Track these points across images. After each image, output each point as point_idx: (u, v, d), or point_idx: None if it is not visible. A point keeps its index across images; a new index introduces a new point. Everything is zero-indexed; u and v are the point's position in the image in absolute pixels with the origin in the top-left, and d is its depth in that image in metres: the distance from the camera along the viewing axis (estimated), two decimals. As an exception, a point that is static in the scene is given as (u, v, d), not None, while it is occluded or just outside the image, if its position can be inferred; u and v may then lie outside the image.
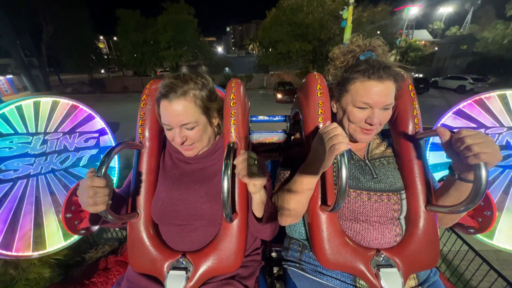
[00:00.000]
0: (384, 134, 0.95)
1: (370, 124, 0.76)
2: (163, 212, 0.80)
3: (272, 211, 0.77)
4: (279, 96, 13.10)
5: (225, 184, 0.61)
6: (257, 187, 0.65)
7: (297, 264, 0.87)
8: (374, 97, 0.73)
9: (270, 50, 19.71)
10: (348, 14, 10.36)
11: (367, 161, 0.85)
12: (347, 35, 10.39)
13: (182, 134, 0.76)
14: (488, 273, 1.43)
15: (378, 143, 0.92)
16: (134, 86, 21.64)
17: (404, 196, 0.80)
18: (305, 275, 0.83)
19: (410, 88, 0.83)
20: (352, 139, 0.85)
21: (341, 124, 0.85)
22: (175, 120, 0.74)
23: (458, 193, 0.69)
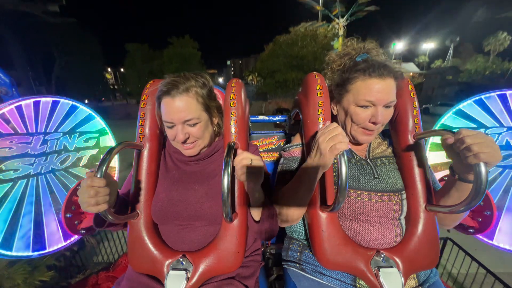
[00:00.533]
0: (384, 134, 0.95)
1: (374, 123, 0.76)
2: (163, 213, 0.79)
3: (271, 212, 0.77)
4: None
5: (225, 184, 0.61)
6: (253, 187, 0.66)
7: (297, 264, 0.87)
8: (377, 95, 0.73)
9: (268, 79, 21.53)
10: (338, 44, 11.55)
11: (368, 160, 0.85)
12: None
13: (185, 131, 0.76)
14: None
15: (379, 142, 0.91)
16: (136, 113, 23.06)
17: (404, 196, 0.80)
18: (305, 275, 0.83)
19: (410, 88, 0.83)
20: (353, 141, 0.85)
21: (343, 126, 0.85)
22: (178, 116, 0.73)
23: (459, 194, 0.69)
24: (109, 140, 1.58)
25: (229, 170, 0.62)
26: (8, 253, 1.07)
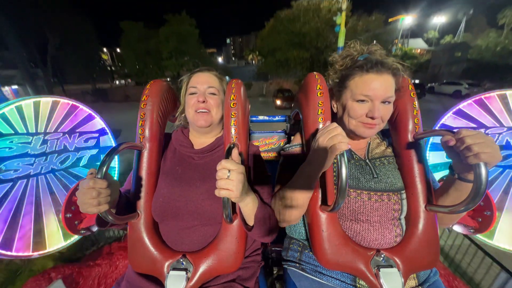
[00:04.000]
0: (384, 134, 0.95)
1: (372, 118, 0.76)
2: (164, 209, 0.80)
3: (266, 216, 0.75)
4: (278, 102, 13.40)
5: None
6: (237, 201, 0.63)
7: (297, 264, 0.87)
8: (373, 89, 0.74)
9: (269, 58, 20.31)
10: (341, 19, 10.68)
11: (367, 160, 0.85)
12: (341, 39, 10.62)
13: (205, 95, 0.88)
14: (489, 266, 1.40)
15: (378, 142, 0.92)
16: (135, 95, 21.91)
17: (404, 196, 0.80)
18: (305, 275, 0.83)
19: (410, 88, 0.83)
20: (355, 136, 0.85)
21: (341, 122, 0.85)
22: (204, 81, 0.89)
23: (458, 193, 0.69)
24: (109, 140, 1.58)
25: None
26: (8, 253, 1.07)
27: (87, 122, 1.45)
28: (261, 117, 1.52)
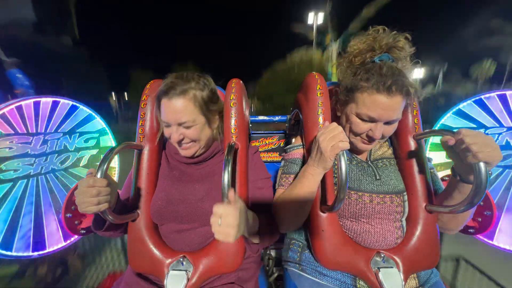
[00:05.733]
0: None
1: (372, 138, 0.74)
2: (161, 212, 0.79)
3: (267, 229, 0.74)
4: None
5: (225, 185, 0.61)
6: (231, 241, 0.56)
7: (297, 265, 0.87)
8: (380, 112, 0.69)
9: (267, 103, 22.41)
10: (332, 65, 12.65)
11: (369, 162, 0.85)
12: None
13: (179, 132, 0.76)
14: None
15: (380, 144, 0.91)
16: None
17: (406, 197, 0.80)
18: (305, 275, 0.83)
19: None
20: (352, 147, 0.82)
21: (342, 128, 0.83)
22: (173, 117, 0.74)
23: (461, 196, 0.67)
24: (109, 140, 1.58)
25: (229, 170, 0.62)
26: (8, 253, 1.07)
27: (88, 122, 1.45)
28: (261, 117, 1.52)
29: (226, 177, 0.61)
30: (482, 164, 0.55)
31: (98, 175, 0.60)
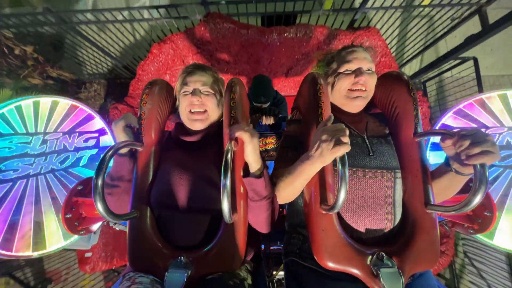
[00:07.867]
0: (378, 116, 0.96)
1: (359, 84, 0.82)
2: (162, 195, 0.80)
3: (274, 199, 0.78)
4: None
5: (225, 185, 0.61)
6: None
7: (297, 255, 0.87)
8: (355, 56, 0.85)
9: None
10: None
11: (365, 137, 0.85)
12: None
13: (199, 96, 0.84)
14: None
15: (375, 121, 0.93)
16: None
17: (399, 175, 0.80)
18: (304, 264, 0.83)
19: (410, 88, 0.83)
20: (344, 112, 0.90)
21: (333, 105, 0.89)
22: (198, 79, 0.85)
23: (449, 183, 0.74)
24: (109, 140, 1.58)
25: (229, 170, 0.62)
26: (8, 253, 1.07)
27: (87, 122, 1.45)
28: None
29: (226, 178, 0.61)
30: (482, 164, 0.55)
31: (99, 175, 0.60)
